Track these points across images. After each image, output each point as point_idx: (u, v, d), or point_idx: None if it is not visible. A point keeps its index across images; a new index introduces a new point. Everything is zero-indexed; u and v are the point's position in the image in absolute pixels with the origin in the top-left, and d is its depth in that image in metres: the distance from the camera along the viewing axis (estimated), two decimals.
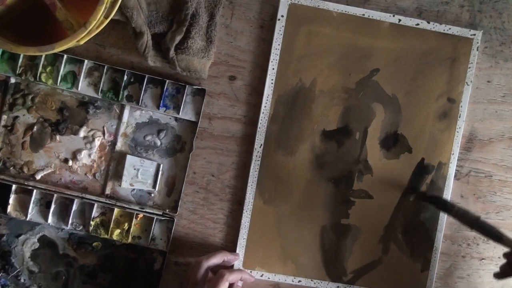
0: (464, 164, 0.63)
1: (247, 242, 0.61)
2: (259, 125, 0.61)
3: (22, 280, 0.61)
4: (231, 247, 0.62)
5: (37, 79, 0.59)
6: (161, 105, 0.60)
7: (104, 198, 0.61)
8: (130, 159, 0.60)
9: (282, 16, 0.60)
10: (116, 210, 0.60)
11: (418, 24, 0.61)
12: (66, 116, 0.61)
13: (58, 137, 0.61)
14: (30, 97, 0.60)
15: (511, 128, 0.63)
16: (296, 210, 0.61)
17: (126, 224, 0.61)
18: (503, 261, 0.56)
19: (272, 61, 0.61)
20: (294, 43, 0.61)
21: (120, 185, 0.60)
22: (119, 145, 0.61)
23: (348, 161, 0.62)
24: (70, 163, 0.61)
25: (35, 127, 0.61)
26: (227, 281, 0.54)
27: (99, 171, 0.61)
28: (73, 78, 0.60)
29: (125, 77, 0.60)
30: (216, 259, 0.56)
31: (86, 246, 0.61)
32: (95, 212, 0.60)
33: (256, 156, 0.61)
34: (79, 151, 0.61)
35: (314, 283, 0.61)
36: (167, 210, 0.61)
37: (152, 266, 0.61)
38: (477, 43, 0.62)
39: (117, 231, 0.61)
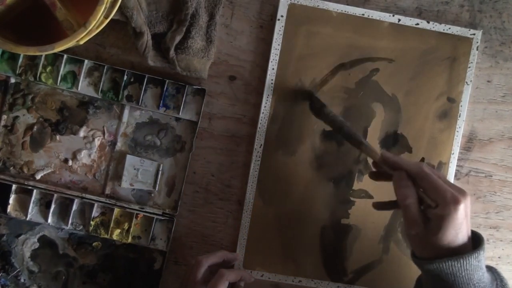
0: (464, 164, 0.63)
1: (247, 242, 0.61)
2: (259, 125, 0.61)
3: (22, 280, 0.61)
4: (231, 247, 0.62)
5: (37, 79, 0.59)
6: (161, 105, 0.60)
7: (104, 198, 0.61)
8: (130, 159, 0.60)
9: (282, 16, 0.60)
10: (116, 210, 0.60)
11: (417, 24, 0.61)
12: (66, 116, 0.61)
13: (58, 137, 0.61)
14: (30, 97, 0.60)
15: (511, 128, 0.63)
16: (296, 210, 0.61)
17: (126, 224, 0.61)
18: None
19: (272, 61, 0.61)
20: (294, 43, 0.61)
21: (120, 185, 0.60)
22: (119, 145, 0.61)
23: (348, 161, 0.62)
24: (70, 163, 0.61)
25: (35, 127, 0.61)
26: (227, 280, 0.53)
27: (99, 171, 0.61)
28: (73, 78, 0.60)
29: (125, 77, 0.60)
30: (216, 259, 0.56)
31: (86, 246, 0.61)
32: (95, 212, 0.60)
33: (256, 156, 0.61)
34: (79, 151, 0.61)
35: (314, 283, 0.61)
36: (167, 210, 0.61)
37: (152, 266, 0.61)
38: (477, 42, 0.62)
39: (117, 231, 0.60)
